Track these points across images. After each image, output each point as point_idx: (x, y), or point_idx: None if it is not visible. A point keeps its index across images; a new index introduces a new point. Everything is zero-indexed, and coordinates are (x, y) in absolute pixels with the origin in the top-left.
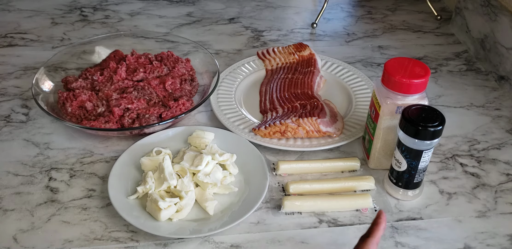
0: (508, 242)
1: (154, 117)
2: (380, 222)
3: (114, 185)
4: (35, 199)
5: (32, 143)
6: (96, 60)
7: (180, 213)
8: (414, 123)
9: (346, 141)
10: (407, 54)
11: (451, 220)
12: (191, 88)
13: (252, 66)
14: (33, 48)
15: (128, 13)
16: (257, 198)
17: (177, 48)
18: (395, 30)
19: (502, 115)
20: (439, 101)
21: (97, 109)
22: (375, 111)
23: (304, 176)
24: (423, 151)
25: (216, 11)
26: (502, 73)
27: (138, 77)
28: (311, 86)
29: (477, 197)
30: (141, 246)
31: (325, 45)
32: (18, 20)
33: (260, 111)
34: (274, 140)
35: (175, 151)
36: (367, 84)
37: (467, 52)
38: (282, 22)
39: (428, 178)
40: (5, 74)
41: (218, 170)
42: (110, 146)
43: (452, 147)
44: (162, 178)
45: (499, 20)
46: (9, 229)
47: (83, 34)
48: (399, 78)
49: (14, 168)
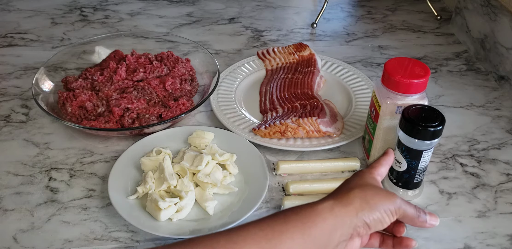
0: (508, 242)
1: (154, 117)
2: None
3: (114, 185)
4: (35, 199)
5: (32, 143)
6: (96, 60)
7: (180, 213)
8: (414, 123)
9: (346, 141)
10: (407, 54)
11: (451, 220)
12: (191, 88)
13: (252, 66)
14: (33, 48)
15: (128, 13)
16: (257, 198)
17: (177, 48)
18: (395, 30)
19: (502, 115)
20: (439, 101)
21: (97, 109)
22: (375, 111)
23: (304, 176)
24: (423, 151)
25: (216, 11)
26: (502, 73)
27: (138, 77)
28: (311, 86)
29: (477, 197)
30: (141, 246)
31: (325, 45)
32: (18, 20)
33: (260, 111)
34: (274, 140)
35: (175, 151)
36: (367, 84)
37: (467, 52)
38: (282, 22)
39: (428, 178)
40: (5, 74)
41: (218, 170)
42: (110, 146)
43: (452, 147)
44: (162, 178)
45: (499, 20)
46: (9, 229)
47: (83, 34)
48: (399, 78)
49: (14, 168)
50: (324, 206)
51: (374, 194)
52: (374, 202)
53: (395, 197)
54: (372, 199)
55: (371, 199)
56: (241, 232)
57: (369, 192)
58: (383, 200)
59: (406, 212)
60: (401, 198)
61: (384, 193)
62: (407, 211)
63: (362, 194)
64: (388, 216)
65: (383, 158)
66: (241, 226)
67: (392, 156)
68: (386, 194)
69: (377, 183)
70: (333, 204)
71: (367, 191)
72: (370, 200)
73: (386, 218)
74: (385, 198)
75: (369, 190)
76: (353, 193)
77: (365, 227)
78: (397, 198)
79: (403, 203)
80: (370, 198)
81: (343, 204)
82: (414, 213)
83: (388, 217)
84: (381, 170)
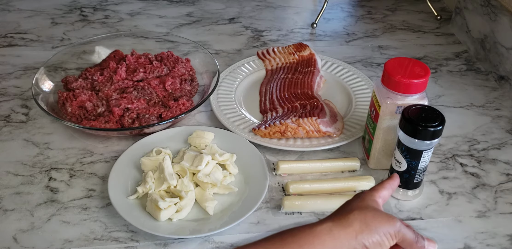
0: (508, 242)
1: (154, 117)
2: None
3: (114, 185)
4: (35, 199)
5: (32, 143)
6: (96, 60)
7: (180, 213)
8: (414, 123)
9: (346, 141)
10: (407, 54)
11: (451, 220)
12: (191, 88)
13: (252, 66)
14: (33, 48)
15: (128, 13)
16: (257, 198)
17: (177, 48)
18: (395, 30)
19: (502, 115)
20: (439, 101)
21: (97, 109)
22: (375, 111)
23: (304, 176)
24: (423, 151)
25: (216, 11)
26: (502, 73)
27: (138, 77)
28: (311, 86)
29: (477, 197)
30: (141, 246)
31: (325, 45)
32: (18, 20)
33: (260, 111)
34: (274, 140)
35: (175, 151)
36: (367, 84)
37: (467, 52)
38: (282, 22)
39: (428, 178)
40: (5, 74)
41: (218, 170)
42: (110, 146)
43: (452, 147)
44: (162, 178)
45: (499, 20)
46: (9, 229)
47: (83, 34)
48: (399, 78)
49: (14, 168)
50: (323, 227)
51: (374, 216)
52: (374, 224)
53: (395, 220)
54: (372, 221)
55: (371, 221)
56: None
57: (369, 214)
58: (383, 222)
59: (405, 236)
60: (401, 222)
61: (384, 216)
62: (407, 235)
63: (362, 216)
64: (388, 239)
65: (387, 181)
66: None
67: (397, 181)
68: (386, 217)
69: (378, 205)
70: (332, 226)
71: (367, 213)
72: (370, 223)
73: (386, 242)
74: (385, 221)
75: (369, 212)
76: (353, 215)
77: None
78: (397, 221)
79: (403, 227)
80: (370, 220)
81: (343, 226)
82: (413, 237)
83: (388, 240)
84: (383, 193)
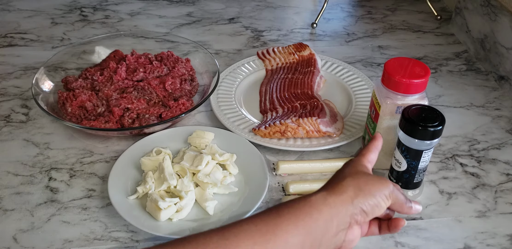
0: (508, 242)
1: (154, 117)
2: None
3: (114, 185)
4: (35, 199)
5: (32, 143)
6: (96, 60)
7: (180, 213)
8: (414, 123)
9: (346, 141)
10: (407, 54)
11: (451, 220)
12: (191, 88)
13: (252, 66)
14: (33, 48)
15: (128, 13)
16: (257, 198)
17: (177, 48)
18: (395, 30)
19: (502, 115)
20: (439, 101)
21: (97, 109)
22: (375, 111)
23: (304, 176)
24: (423, 151)
25: (216, 11)
26: (502, 73)
27: (138, 77)
28: (311, 86)
29: (477, 197)
30: (141, 246)
31: (325, 45)
32: (18, 20)
33: (260, 111)
34: (274, 140)
35: (175, 151)
36: (367, 84)
37: (467, 52)
38: (282, 22)
39: (428, 178)
40: (5, 74)
41: (218, 170)
42: (110, 146)
43: (452, 147)
44: (162, 178)
45: (499, 20)
46: (9, 229)
47: (83, 34)
48: (399, 78)
49: (14, 168)
50: (318, 197)
51: (366, 180)
52: (367, 188)
53: (388, 182)
54: (366, 185)
55: (364, 185)
56: (234, 229)
57: (362, 179)
58: (377, 185)
59: (398, 196)
60: (392, 183)
61: (376, 179)
62: (399, 196)
63: (355, 182)
64: (383, 200)
65: (372, 143)
66: (234, 222)
67: (381, 140)
68: (378, 179)
69: (368, 170)
70: (326, 195)
71: (359, 178)
72: (364, 187)
73: (382, 203)
74: (379, 183)
75: (361, 177)
76: (346, 182)
77: (362, 214)
78: (389, 182)
79: (395, 188)
80: (363, 185)
81: (337, 193)
82: (403, 198)
83: (384, 201)
84: (370, 156)
